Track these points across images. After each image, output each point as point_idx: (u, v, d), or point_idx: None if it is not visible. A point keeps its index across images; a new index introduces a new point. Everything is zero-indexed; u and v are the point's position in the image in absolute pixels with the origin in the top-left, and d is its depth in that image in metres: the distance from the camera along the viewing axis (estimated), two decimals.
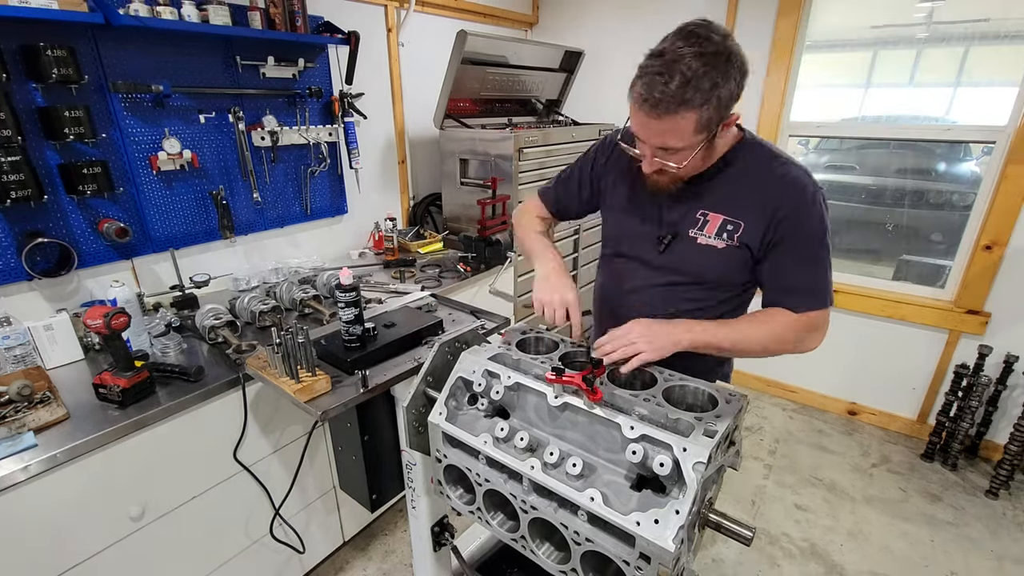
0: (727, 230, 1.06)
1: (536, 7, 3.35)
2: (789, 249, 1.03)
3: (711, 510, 0.88)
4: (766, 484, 2.37)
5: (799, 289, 1.04)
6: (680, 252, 1.12)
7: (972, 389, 2.36)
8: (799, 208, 1.00)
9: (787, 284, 1.06)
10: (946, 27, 2.34)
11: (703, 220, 1.08)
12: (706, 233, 1.08)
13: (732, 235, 1.05)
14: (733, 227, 1.05)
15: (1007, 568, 1.95)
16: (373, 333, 1.39)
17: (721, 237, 1.06)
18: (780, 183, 1.02)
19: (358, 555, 2.01)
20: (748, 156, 1.06)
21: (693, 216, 1.09)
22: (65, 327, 1.47)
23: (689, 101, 0.87)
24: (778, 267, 1.05)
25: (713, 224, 1.07)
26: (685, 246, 1.11)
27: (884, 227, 2.80)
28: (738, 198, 1.05)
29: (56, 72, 1.44)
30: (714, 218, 1.07)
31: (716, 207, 1.07)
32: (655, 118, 0.91)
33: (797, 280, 1.04)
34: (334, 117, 2.26)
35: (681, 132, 0.92)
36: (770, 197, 1.02)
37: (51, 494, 1.16)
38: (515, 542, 0.96)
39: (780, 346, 1.05)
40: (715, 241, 1.07)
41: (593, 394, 0.88)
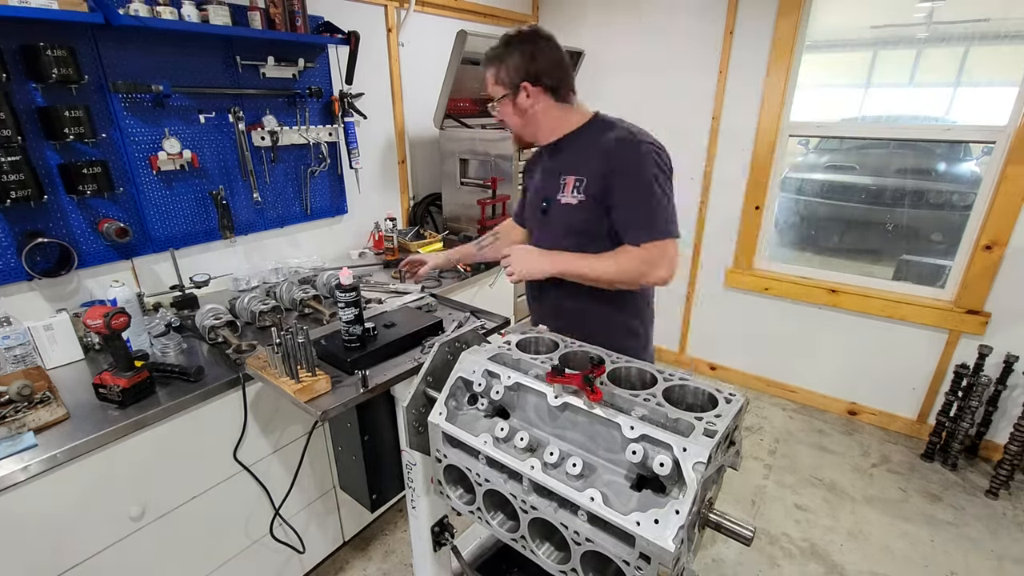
0: (576, 187, 1.30)
1: (536, 7, 3.35)
2: (621, 191, 1.24)
3: (711, 510, 0.88)
4: (766, 484, 2.37)
5: (634, 225, 1.24)
6: (552, 213, 1.37)
7: (972, 389, 2.36)
8: (627, 157, 1.23)
9: (625, 222, 1.26)
10: (946, 27, 2.34)
11: (562, 183, 1.33)
12: (565, 193, 1.33)
13: (579, 189, 1.29)
14: (579, 183, 1.29)
15: (1007, 568, 1.95)
16: (373, 333, 1.40)
17: (574, 194, 1.30)
18: (613, 142, 1.26)
19: (358, 555, 2.01)
20: (593, 129, 1.33)
21: (556, 183, 1.35)
22: (65, 327, 1.47)
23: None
24: (617, 210, 1.26)
25: (568, 185, 1.32)
26: (554, 208, 1.36)
27: (884, 227, 2.80)
28: (583, 160, 1.30)
29: (56, 72, 1.44)
30: (568, 180, 1.32)
31: (568, 171, 1.33)
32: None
33: (632, 217, 1.24)
34: (334, 117, 2.26)
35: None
36: (605, 153, 1.26)
37: (51, 494, 1.16)
38: (515, 542, 0.95)
39: (629, 276, 1.25)
40: (571, 198, 1.31)
41: (593, 394, 0.88)
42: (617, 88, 3.17)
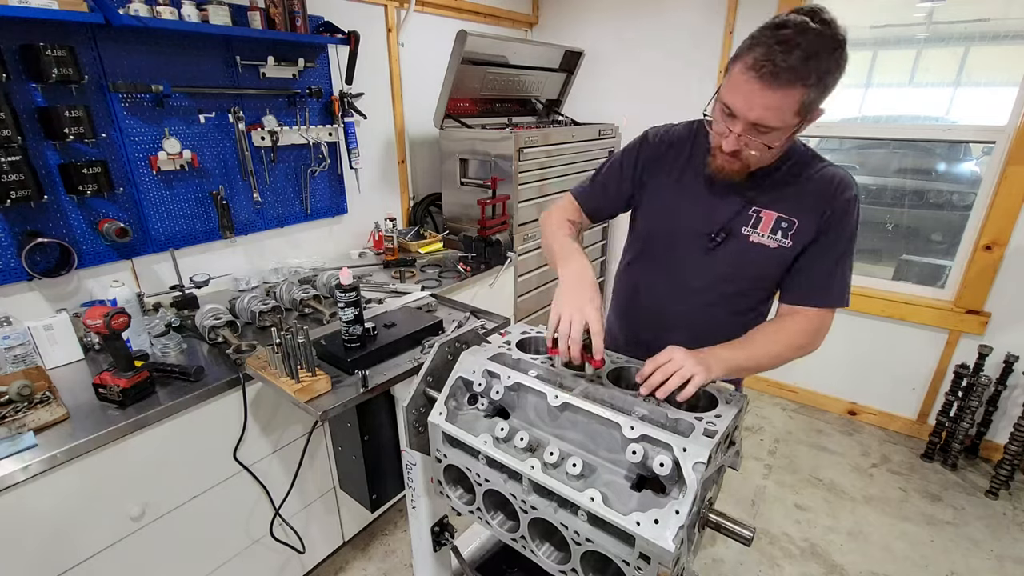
0: (781, 228, 1.03)
1: (536, 7, 3.35)
2: (825, 245, 1.03)
3: (711, 510, 0.88)
4: (766, 484, 2.37)
5: (823, 285, 1.05)
6: (731, 251, 1.08)
7: (972, 389, 2.36)
8: (845, 207, 1.01)
9: (814, 279, 1.05)
10: (946, 27, 2.34)
11: (756, 217, 1.05)
12: (759, 231, 1.05)
13: (787, 233, 1.03)
14: (788, 225, 1.03)
15: (1007, 568, 1.95)
16: (373, 333, 1.39)
17: (775, 236, 1.04)
18: (830, 183, 1.02)
19: (358, 555, 2.01)
20: (797, 156, 1.06)
21: (746, 213, 1.06)
22: (65, 327, 1.47)
23: (805, 78, 0.85)
24: (809, 262, 1.05)
25: (767, 222, 1.04)
26: (736, 244, 1.07)
27: (884, 227, 2.79)
28: (790, 196, 1.03)
29: (56, 72, 1.44)
30: (767, 215, 1.04)
31: (769, 204, 1.05)
32: (767, 88, 0.87)
33: (824, 276, 1.04)
34: (334, 117, 2.26)
35: (786, 109, 0.88)
36: (822, 196, 1.02)
37: (51, 494, 1.16)
38: (515, 542, 0.95)
39: (794, 353, 1.05)
40: (767, 240, 1.05)
41: (596, 360, 0.87)
42: (617, 88, 3.17)
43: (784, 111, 0.89)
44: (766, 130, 0.92)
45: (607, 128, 3.00)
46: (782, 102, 0.87)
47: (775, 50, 0.85)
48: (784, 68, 0.84)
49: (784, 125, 0.91)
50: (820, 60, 0.84)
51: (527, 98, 3.15)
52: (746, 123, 0.93)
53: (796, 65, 0.84)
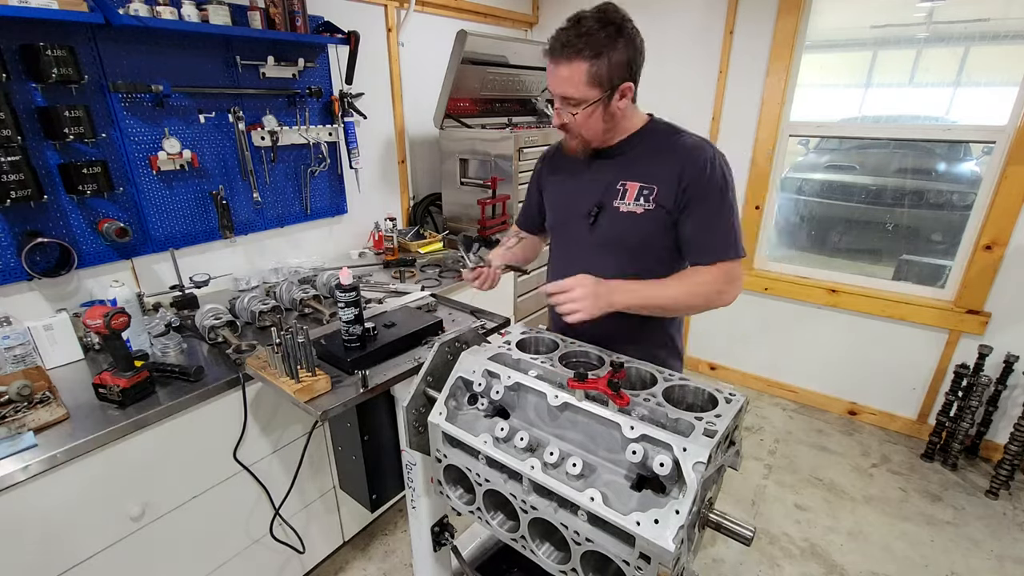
0: (643, 195, 1.17)
1: (536, 7, 3.35)
2: (695, 207, 1.14)
3: (711, 510, 0.88)
4: (766, 484, 2.37)
5: (708, 243, 1.15)
6: (607, 222, 1.22)
7: (972, 389, 2.35)
8: (700, 169, 1.12)
9: (698, 239, 1.16)
10: (946, 27, 2.34)
11: (623, 190, 1.19)
12: (627, 201, 1.19)
13: (648, 198, 1.16)
14: (648, 191, 1.16)
15: (1007, 568, 1.94)
16: (373, 333, 1.39)
17: (639, 202, 1.17)
18: (682, 149, 1.15)
19: (358, 555, 2.01)
20: (655, 133, 1.21)
21: (614, 188, 1.20)
22: (65, 327, 1.47)
23: (582, 51, 1.04)
24: (688, 226, 1.16)
25: (632, 192, 1.18)
26: (610, 216, 1.21)
27: (884, 227, 2.79)
28: (649, 166, 1.18)
29: (56, 72, 1.44)
30: (631, 186, 1.18)
31: (631, 177, 1.19)
32: (555, 64, 1.08)
33: (706, 234, 1.15)
34: (334, 117, 2.26)
35: (575, 82, 1.07)
36: (676, 161, 1.14)
37: (51, 494, 1.16)
38: (515, 542, 0.95)
39: (700, 299, 1.15)
40: (635, 207, 1.18)
41: (620, 399, 0.88)
42: None
43: (575, 81, 1.07)
44: (575, 102, 1.10)
45: None
46: (570, 73, 1.07)
47: (559, 32, 1.08)
48: (561, 44, 1.06)
49: (583, 95, 1.08)
50: (592, 36, 1.04)
51: (527, 98, 3.15)
52: (558, 99, 1.13)
53: (569, 40, 1.05)
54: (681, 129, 1.21)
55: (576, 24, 1.06)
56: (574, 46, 1.05)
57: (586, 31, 1.04)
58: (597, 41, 1.04)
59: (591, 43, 1.04)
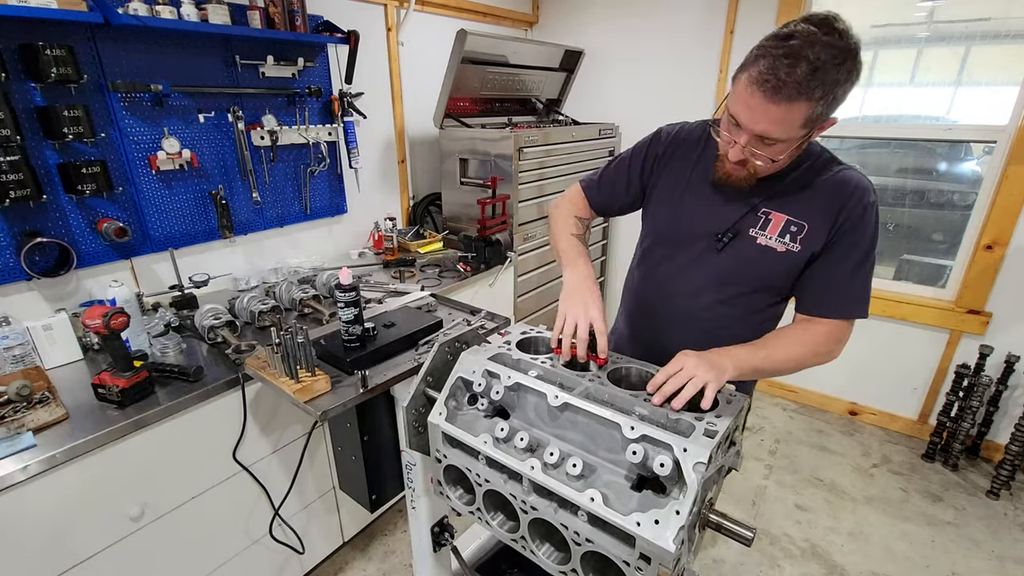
0: (790, 231, 1.01)
1: (536, 6, 3.35)
2: (841, 253, 1.00)
3: (711, 510, 0.88)
4: (767, 484, 2.37)
5: (841, 296, 1.01)
6: (737, 252, 1.06)
7: (973, 389, 2.35)
8: (860, 213, 0.98)
9: (827, 290, 1.02)
10: (947, 26, 2.34)
11: (764, 219, 1.03)
12: (767, 233, 1.03)
13: (795, 237, 1.01)
14: (797, 228, 1.01)
15: (1008, 568, 1.94)
16: (373, 333, 1.39)
17: (783, 239, 1.02)
18: (845, 186, 0.99)
19: (358, 555, 2.01)
20: (812, 159, 1.04)
21: (755, 215, 1.04)
22: (64, 327, 1.47)
23: (811, 92, 0.83)
24: (825, 270, 1.02)
25: (776, 224, 1.02)
26: (744, 246, 1.05)
27: (885, 227, 2.79)
28: (802, 199, 1.01)
29: (55, 71, 1.44)
30: (777, 218, 1.02)
31: (780, 207, 1.02)
32: (771, 102, 0.85)
33: (841, 286, 1.01)
34: (334, 116, 2.25)
35: (791, 123, 0.87)
36: (835, 200, 0.99)
37: (50, 494, 1.16)
38: (515, 542, 0.95)
39: (812, 360, 1.02)
40: (775, 243, 1.02)
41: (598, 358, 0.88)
42: (617, 88, 3.17)
43: (789, 124, 0.88)
44: (771, 142, 0.91)
45: (607, 128, 3.00)
46: (787, 116, 0.86)
47: (780, 63, 0.82)
48: (788, 83, 0.82)
49: (790, 137, 0.90)
50: (827, 72, 0.82)
51: (527, 98, 3.15)
52: (751, 134, 0.92)
53: (801, 79, 0.82)
54: (839, 159, 1.05)
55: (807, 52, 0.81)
56: (804, 85, 0.82)
57: (821, 67, 0.81)
58: (832, 81, 0.83)
59: (825, 82, 0.82)
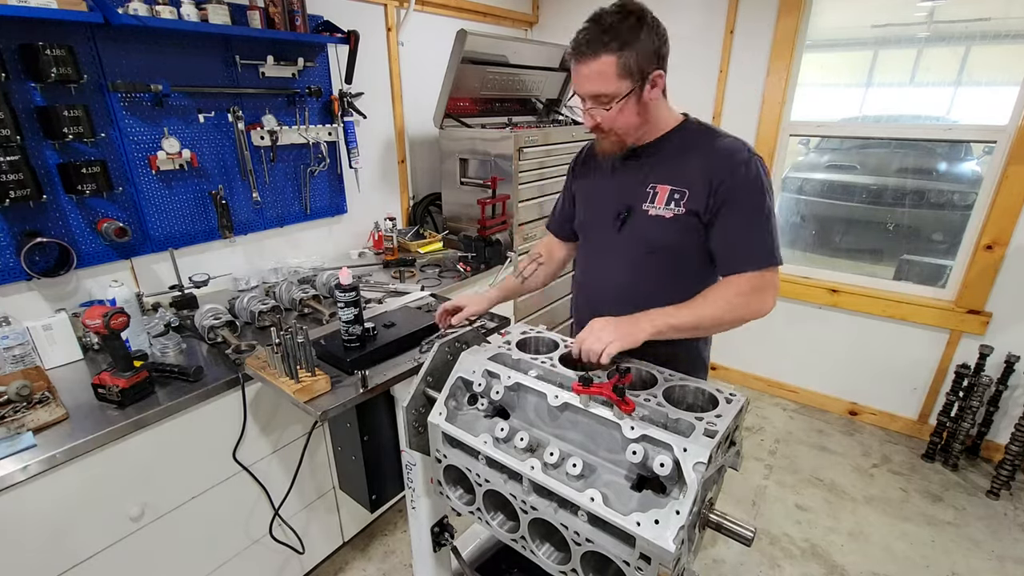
0: (674, 199, 1.13)
1: (536, 6, 3.35)
2: (729, 213, 1.09)
3: (711, 510, 0.88)
4: (767, 484, 2.37)
5: (743, 250, 1.10)
6: (634, 226, 1.18)
7: (973, 389, 2.35)
8: (735, 173, 1.07)
9: (731, 246, 1.11)
10: (947, 26, 2.34)
11: (652, 193, 1.16)
12: (656, 204, 1.15)
13: (679, 203, 1.12)
14: (680, 195, 1.12)
15: (1008, 568, 1.94)
16: (373, 333, 1.39)
17: (669, 206, 1.13)
18: (717, 152, 1.10)
19: (358, 555, 2.01)
20: (688, 133, 1.16)
21: (643, 191, 1.17)
22: (64, 327, 1.47)
23: (608, 45, 1.01)
24: (722, 231, 1.11)
25: (662, 195, 1.14)
26: (638, 220, 1.18)
27: (885, 227, 2.79)
28: (681, 169, 1.13)
29: (55, 71, 1.44)
30: (662, 189, 1.14)
31: (662, 179, 1.15)
32: (581, 63, 1.05)
33: (740, 241, 1.10)
34: (334, 116, 2.25)
35: (605, 76, 1.04)
36: (709, 165, 1.10)
37: (50, 494, 1.16)
38: (515, 542, 0.95)
39: (735, 312, 1.09)
40: (664, 211, 1.14)
41: (626, 405, 0.85)
42: None
43: (605, 76, 1.04)
44: (607, 98, 1.06)
45: None
46: (599, 68, 1.03)
47: (581, 33, 1.05)
48: (585, 41, 1.03)
49: (615, 89, 1.04)
50: (618, 30, 1.01)
51: (527, 98, 3.15)
52: (588, 98, 1.09)
53: (595, 36, 1.02)
54: (717, 130, 1.16)
55: (597, 20, 1.04)
56: (599, 41, 1.02)
57: (609, 25, 1.02)
58: (621, 32, 1.01)
59: (615, 35, 1.01)
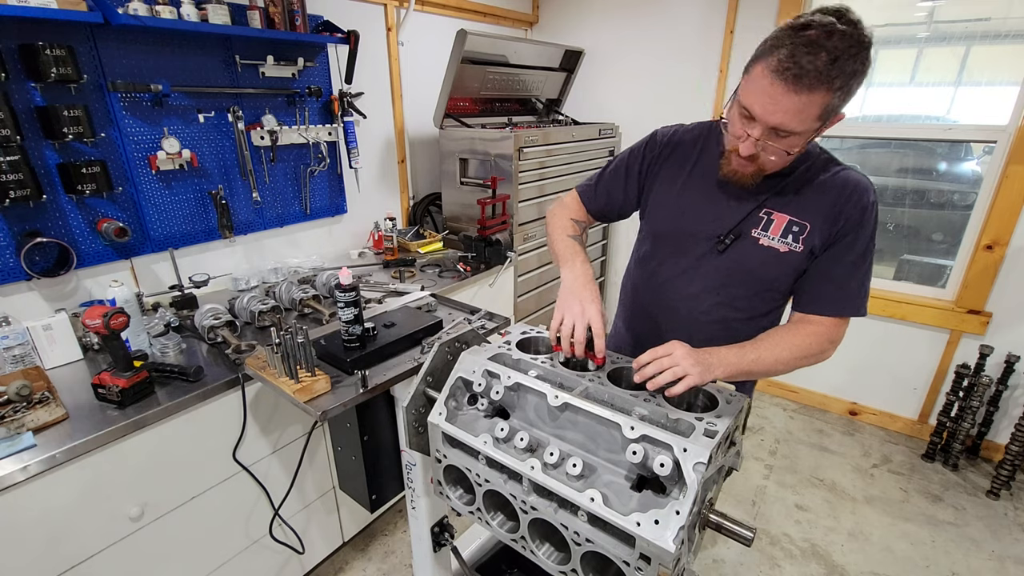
0: (792, 231, 1.01)
1: (536, 6, 3.35)
2: (841, 252, 1.00)
3: (711, 510, 0.88)
4: (767, 484, 2.37)
5: (839, 293, 1.01)
6: (740, 254, 1.05)
7: (973, 389, 2.35)
8: (860, 211, 0.98)
9: (827, 287, 1.02)
10: (947, 26, 2.34)
11: (767, 220, 1.03)
12: (769, 234, 1.03)
13: (797, 237, 1.01)
14: (799, 228, 1.01)
15: (1008, 569, 1.94)
16: (373, 333, 1.39)
17: (785, 239, 1.02)
18: (846, 186, 1.00)
19: (358, 555, 2.01)
20: (811, 159, 1.04)
21: (757, 215, 1.04)
22: (64, 327, 1.47)
23: (831, 81, 0.82)
24: (823, 268, 1.02)
25: (778, 224, 1.02)
26: (746, 247, 1.05)
27: (885, 227, 2.79)
28: (803, 199, 1.01)
29: (55, 71, 1.44)
30: (779, 218, 1.02)
31: (781, 207, 1.02)
32: (791, 91, 0.84)
33: (840, 284, 1.01)
34: (333, 116, 2.25)
35: (808, 114, 0.86)
36: (837, 199, 0.99)
37: (50, 494, 1.16)
38: (515, 542, 0.95)
39: (804, 361, 1.02)
40: (778, 244, 1.02)
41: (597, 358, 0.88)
42: (617, 88, 3.17)
43: (807, 115, 0.86)
44: (786, 134, 0.90)
45: (607, 128, 3.00)
46: (806, 106, 0.85)
47: (800, 51, 0.81)
48: (810, 71, 0.81)
49: (805, 129, 0.89)
50: (846, 63, 0.81)
51: (527, 97, 3.15)
52: (766, 127, 0.90)
53: (822, 68, 0.81)
54: (839, 160, 1.05)
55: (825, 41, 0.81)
56: (825, 75, 0.81)
57: (840, 56, 0.81)
58: (850, 70, 0.82)
59: (844, 72, 0.82)
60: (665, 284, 1.18)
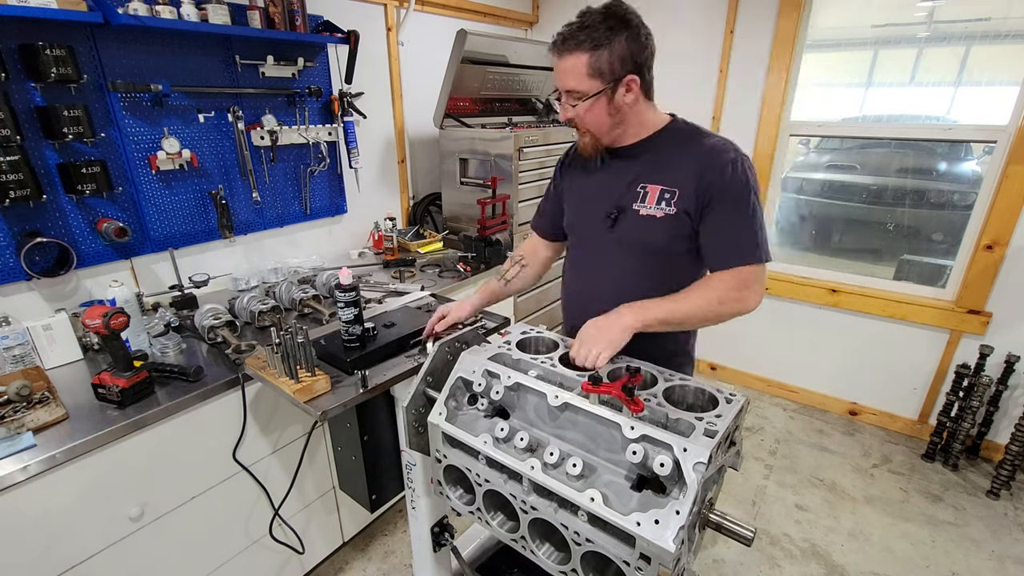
0: (665, 198, 1.14)
1: (536, 6, 3.35)
2: (716, 210, 1.11)
3: (711, 510, 0.88)
4: (767, 484, 2.37)
5: (729, 246, 1.12)
6: (626, 226, 1.19)
7: (973, 389, 2.35)
8: (723, 172, 1.09)
9: (718, 243, 1.13)
10: (947, 26, 2.34)
11: (643, 192, 1.17)
12: (647, 204, 1.16)
13: (670, 202, 1.14)
14: (670, 195, 1.14)
15: (1008, 569, 1.94)
16: (373, 333, 1.39)
17: (660, 206, 1.15)
18: (705, 151, 1.12)
19: (358, 555, 2.01)
20: (675, 134, 1.18)
21: (634, 190, 1.18)
22: (64, 327, 1.47)
23: (582, 43, 1.05)
24: (708, 229, 1.13)
25: (652, 195, 1.16)
26: (630, 219, 1.19)
27: (885, 227, 2.79)
28: (671, 169, 1.15)
29: (55, 71, 1.44)
30: (652, 189, 1.16)
31: (652, 179, 1.16)
32: (558, 56, 1.10)
33: (726, 238, 1.12)
34: (333, 116, 2.25)
35: (576, 73, 1.08)
36: (697, 164, 1.11)
37: (50, 494, 1.16)
38: (515, 542, 0.95)
39: (721, 306, 1.11)
40: (655, 211, 1.15)
41: (635, 405, 0.86)
42: None
43: (577, 73, 1.08)
44: (577, 95, 1.10)
45: None
46: (572, 65, 1.08)
47: (562, 28, 1.09)
48: (564, 37, 1.08)
49: (585, 87, 1.08)
50: (595, 30, 1.04)
51: (527, 97, 3.15)
52: (564, 93, 1.13)
53: (573, 33, 1.06)
54: (705, 130, 1.18)
55: (580, 18, 1.08)
56: (575, 38, 1.06)
57: (588, 24, 1.05)
58: (598, 33, 1.05)
59: (592, 35, 1.05)
60: (585, 271, 1.32)
